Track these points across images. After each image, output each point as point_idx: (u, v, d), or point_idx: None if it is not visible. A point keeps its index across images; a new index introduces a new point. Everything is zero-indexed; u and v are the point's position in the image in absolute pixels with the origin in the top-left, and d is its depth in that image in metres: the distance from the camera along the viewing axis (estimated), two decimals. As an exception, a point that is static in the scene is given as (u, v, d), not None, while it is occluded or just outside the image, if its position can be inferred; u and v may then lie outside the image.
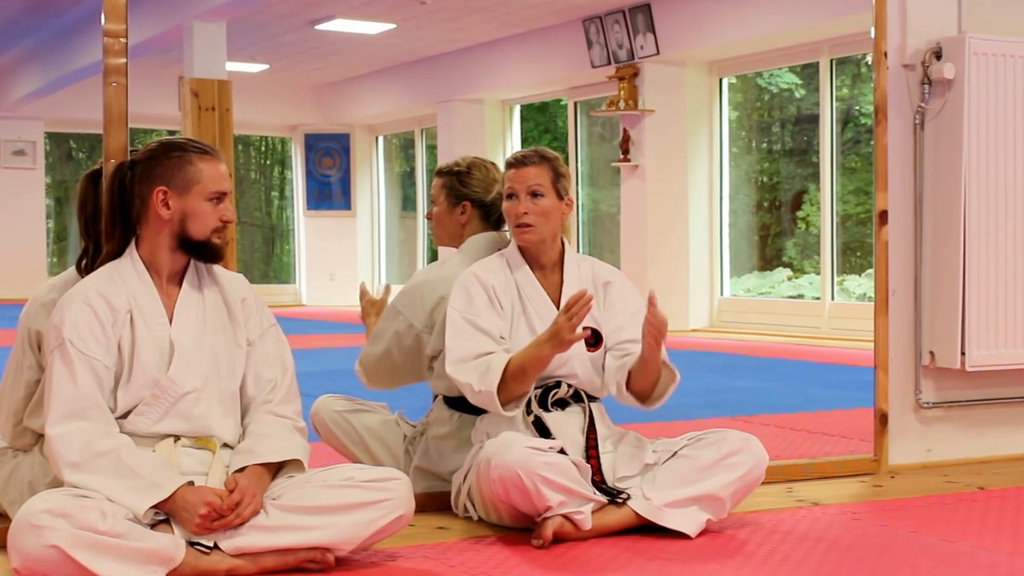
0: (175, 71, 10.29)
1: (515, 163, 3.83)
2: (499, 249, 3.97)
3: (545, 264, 3.87)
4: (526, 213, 3.78)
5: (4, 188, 16.36)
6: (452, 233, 4.17)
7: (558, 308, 3.78)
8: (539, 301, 3.80)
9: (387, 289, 4.40)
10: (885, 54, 4.73)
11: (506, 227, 3.98)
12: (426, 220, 4.26)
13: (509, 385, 3.62)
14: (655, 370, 3.68)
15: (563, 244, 3.90)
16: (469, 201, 4.12)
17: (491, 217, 4.11)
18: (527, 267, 3.85)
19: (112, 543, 2.96)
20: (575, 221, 14.45)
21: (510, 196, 3.81)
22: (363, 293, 4.41)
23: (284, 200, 19.41)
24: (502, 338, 3.73)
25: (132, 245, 3.33)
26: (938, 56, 4.76)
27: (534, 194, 3.78)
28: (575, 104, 14.33)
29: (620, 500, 3.63)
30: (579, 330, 3.54)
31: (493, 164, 4.21)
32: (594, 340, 3.82)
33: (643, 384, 3.71)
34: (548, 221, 3.81)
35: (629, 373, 3.72)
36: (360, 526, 3.22)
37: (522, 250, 3.86)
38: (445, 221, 4.16)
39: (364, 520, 3.23)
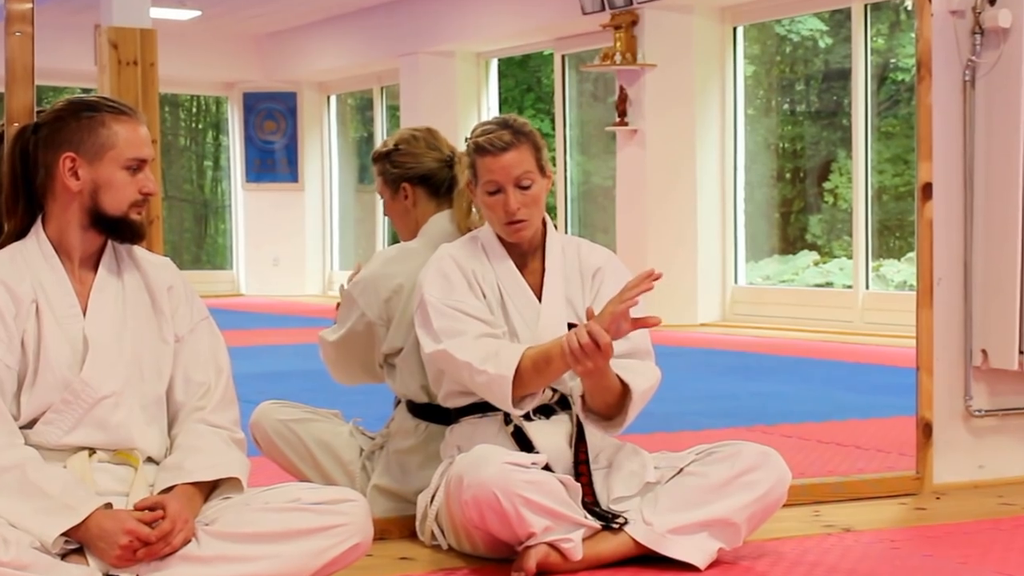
0: (90, 18, 10.24)
1: (489, 149, 3.75)
2: (462, 230, 3.98)
3: (526, 250, 3.85)
4: (519, 208, 3.76)
5: None
6: (405, 222, 4.18)
7: (540, 299, 3.77)
8: (520, 295, 3.79)
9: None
10: (929, -2, 4.73)
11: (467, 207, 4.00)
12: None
13: (524, 378, 3.59)
14: (606, 382, 3.65)
15: (544, 225, 3.88)
16: (407, 182, 4.12)
17: (439, 190, 4.12)
18: (507, 255, 3.83)
19: (15, 577, 2.95)
20: (561, 196, 14.46)
21: (493, 192, 3.77)
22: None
23: (219, 171, 19.41)
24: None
25: (38, 223, 3.31)
26: (991, 1, 4.76)
27: (521, 184, 3.76)
28: (563, 57, 14.34)
29: (616, 525, 3.63)
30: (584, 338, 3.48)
31: (428, 130, 4.20)
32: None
33: (598, 400, 3.70)
34: (539, 207, 3.80)
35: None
36: (309, 556, 3.21)
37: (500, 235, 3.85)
38: (393, 211, 4.20)
39: (313, 549, 3.21)
